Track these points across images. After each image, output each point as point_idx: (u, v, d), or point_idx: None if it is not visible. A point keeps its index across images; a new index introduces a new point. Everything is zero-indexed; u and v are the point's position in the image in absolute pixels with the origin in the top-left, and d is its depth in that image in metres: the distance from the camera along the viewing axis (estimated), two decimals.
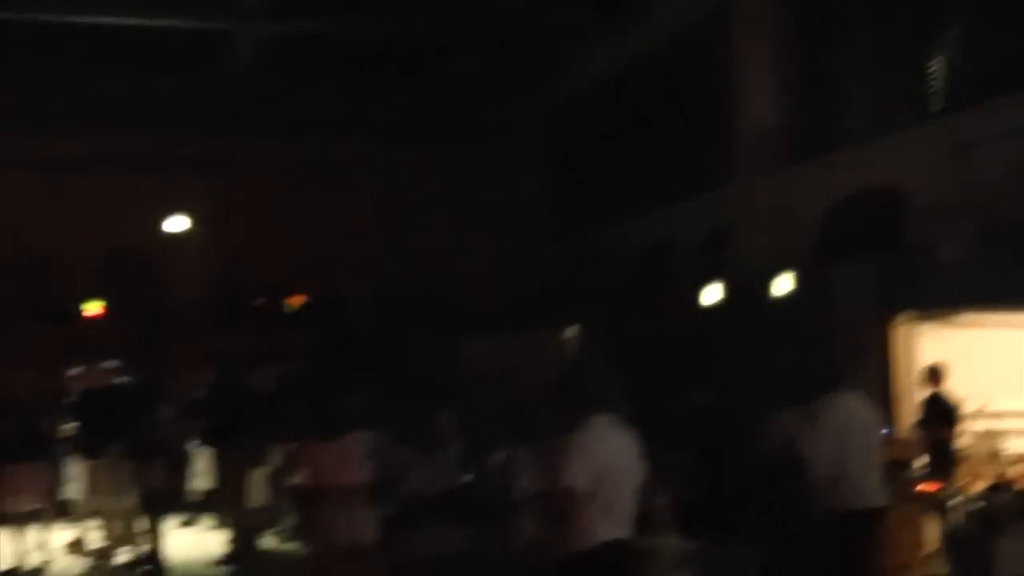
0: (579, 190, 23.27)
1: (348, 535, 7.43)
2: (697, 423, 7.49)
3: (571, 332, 9.44)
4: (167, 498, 12.88)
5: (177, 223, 24.79)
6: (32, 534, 12.88)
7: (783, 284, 14.04)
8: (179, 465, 14.22)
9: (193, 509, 14.91)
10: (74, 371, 13.60)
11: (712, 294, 15.55)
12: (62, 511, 13.65)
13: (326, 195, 24.42)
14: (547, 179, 24.59)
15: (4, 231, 22.63)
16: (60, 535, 13.47)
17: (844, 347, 11.95)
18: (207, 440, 13.35)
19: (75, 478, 13.25)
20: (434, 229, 24.20)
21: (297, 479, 7.68)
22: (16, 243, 22.89)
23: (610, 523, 6.68)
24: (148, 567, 12.44)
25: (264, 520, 13.77)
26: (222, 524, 13.09)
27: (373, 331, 23.35)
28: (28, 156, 22.75)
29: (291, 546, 13.78)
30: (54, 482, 13.04)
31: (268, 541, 13.70)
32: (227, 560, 12.79)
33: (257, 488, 13.44)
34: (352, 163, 24.41)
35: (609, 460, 6.68)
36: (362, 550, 7.45)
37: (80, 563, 13.02)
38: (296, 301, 25.67)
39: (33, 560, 12.78)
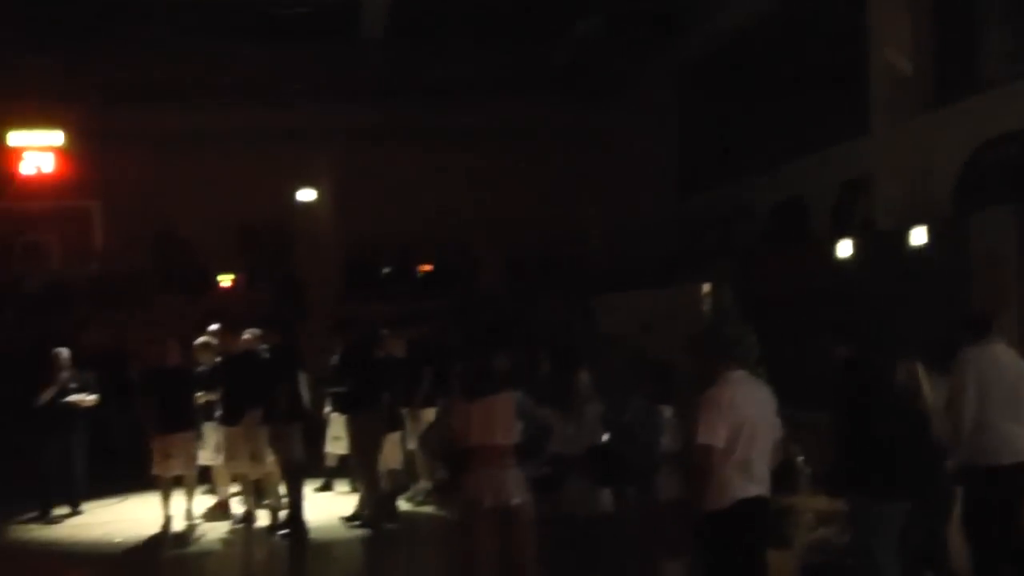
0: (709, 146, 22.89)
1: (499, 495, 7.38)
2: (838, 377, 7.28)
3: (706, 289, 9.26)
4: (305, 463, 13.01)
5: (309, 193, 25.15)
6: (178, 500, 13.15)
7: (921, 234, 13.62)
8: (315, 430, 14.36)
9: (329, 474, 15.07)
10: (211, 340, 13.80)
11: (848, 247, 15.19)
12: (204, 477, 13.92)
13: (455, 161, 24.45)
14: (677, 136, 24.28)
15: (140, 205, 23.14)
16: (203, 501, 13.73)
17: (985, 296, 11.58)
18: (341, 406, 13.43)
19: (216, 444, 13.47)
20: (565, 191, 24.08)
21: (449, 439, 7.64)
22: (152, 217, 23.42)
23: (748, 480, 6.56)
24: (288, 531, 12.61)
25: (400, 484, 13.88)
26: (357, 488, 13.17)
27: (504, 295, 23.40)
28: (163, 130, 23.21)
29: (426, 509, 13.96)
30: (198, 449, 13.26)
31: (403, 504, 13.82)
32: (363, 523, 12.90)
33: (392, 452, 13.55)
34: (481, 128, 24.36)
35: (747, 416, 6.55)
36: (512, 510, 7.41)
37: (222, 528, 13.25)
38: (426, 268, 25.83)
39: (179, 525, 13.04)
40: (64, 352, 14.18)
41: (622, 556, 7.84)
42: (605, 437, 7.78)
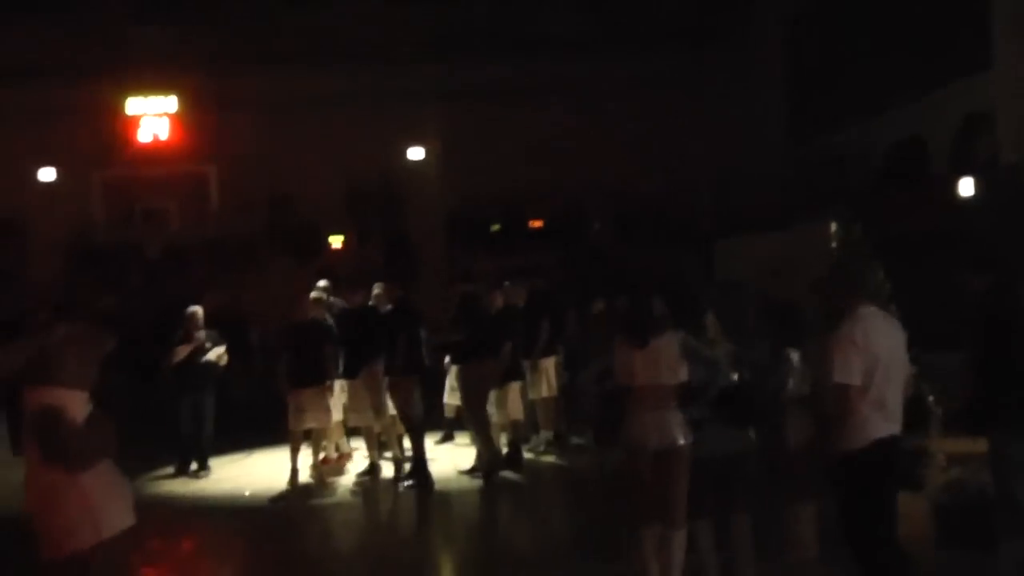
0: (823, 88, 22.42)
1: (664, 437, 7.37)
2: (976, 310, 7.09)
3: (833, 228, 9.09)
4: (423, 414, 13.11)
5: (418, 152, 25.25)
6: (306, 453, 13.38)
7: None
8: (434, 383, 14.50)
9: (450, 426, 15.19)
10: (322, 296, 13.96)
11: (970, 185, 14.86)
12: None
13: (563, 116, 24.35)
14: (789, 79, 23.85)
15: (253, 170, 23.43)
16: (329, 453, 13.94)
17: None
18: (455, 356, 13.52)
19: (338, 397, 13.65)
20: (676, 142, 23.84)
21: (611, 382, 7.62)
22: (265, 181, 23.71)
23: (883, 419, 6.46)
24: (412, 482, 12.73)
25: (521, 434, 13.93)
26: (476, 439, 13.23)
27: (617, 246, 23.33)
28: (274, 94, 23.46)
29: (548, 459, 14.00)
30: (328, 403, 13.41)
31: (525, 454, 13.88)
32: (482, 474, 13.00)
33: (514, 402, 13.60)
34: (589, 82, 24.21)
35: (880, 352, 6.43)
36: (675, 451, 7.40)
37: (348, 481, 13.45)
38: (536, 224, 25.77)
39: (306, 478, 13.29)
40: (199, 311, 14.43)
41: (754, 498, 7.77)
42: (736, 378, 7.70)
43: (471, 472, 13.13)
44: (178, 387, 14.16)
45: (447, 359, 14.24)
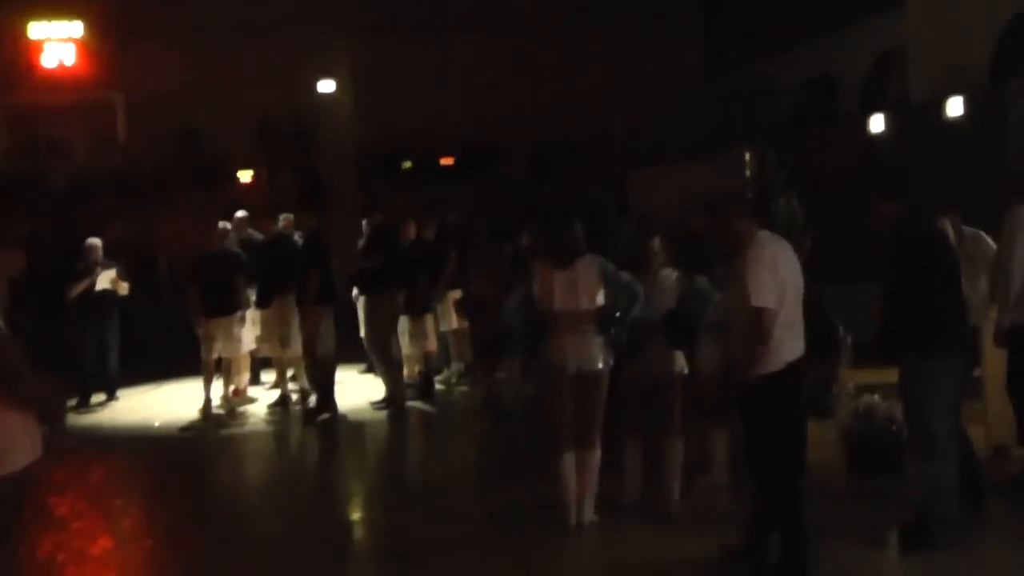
0: (735, 25, 22.46)
1: (582, 361, 7.40)
2: (888, 236, 7.12)
3: (747, 156, 9.10)
4: (334, 347, 13.02)
5: (328, 85, 24.93)
6: (218, 383, 13.27)
7: (957, 105, 13.41)
8: (346, 314, 14.41)
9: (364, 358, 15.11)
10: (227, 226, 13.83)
11: (880, 122, 14.98)
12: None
13: (476, 50, 24.18)
14: (702, 16, 23.87)
15: (162, 100, 22.98)
16: (238, 383, 13.84)
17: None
18: (368, 289, 13.41)
19: (249, 328, 13.54)
20: (589, 76, 23.79)
21: (531, 305, 7.64)
22: (174, 112, 23.26)
23: (792, 338, 6.50)
24: (319, 413, 12.66)
25: (433, 365, 13.90)
26: (384, 370, 13.17)
27: (528, 180, 23.33)
28: (183, 22, 22.98)
29: (460, 389, 14.01)
30: (239, 332, 13.29)
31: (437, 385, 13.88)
32: (389, 406, 12.96)
33: (427, 335, 13.56)
34: (501, 14, 24.04)
35: (786, 275, 6.48)
36: (592, 375, 7.47)
37: (259, 411, 13.36)
38: (447, 161, 25.60)
39: (218, 408, 13.20)
40: (97, 242, 14.17)
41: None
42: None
43: (381, 403, 13.07)
44: (80, 319, 13.93)
45: (355, 291, 14.14)
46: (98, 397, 14.10)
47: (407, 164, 25.37)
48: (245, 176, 24.46)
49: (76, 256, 14.18)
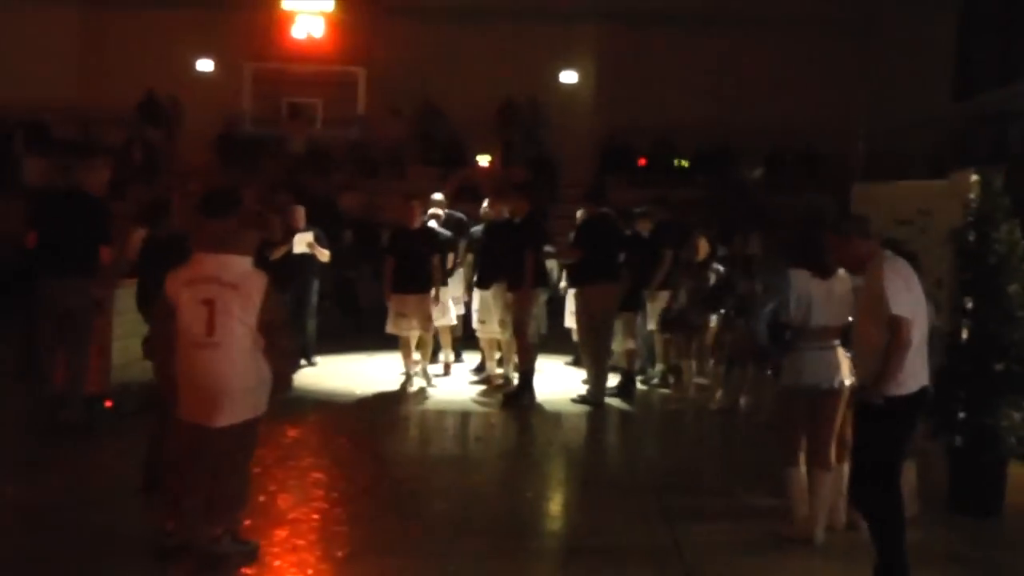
0: (991, 44, 21.42)
1: (825, 376, 7.35)
2: None
3: (973, 179, 8.62)
4: (539, 333, 13.03)
5: (571, 75, 25.00)
6: (418, 358, 13.45)
7: None
8: (553, 302, 14.45)
9: (571, 349, 15.06)
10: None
11: None
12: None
13: (721, 49, 23.83)
14: (957, 32, 22.85)
15: (403, 77, 23.45)
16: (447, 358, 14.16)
17: None
18: (572, 278, 13.32)
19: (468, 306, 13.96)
20: (833, 85, 23.13)
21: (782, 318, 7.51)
22: (415, 89, 23.70)
23: (923, 366, 6.38)
24: (517, 397, 12.65)
25: (636, 364, 13.71)
26: (590, 364, 13.02)
27: (761, 186, 22.88)
28: (433, 3, 23.39)
29: (662, 391, 13.80)
30: (430, 310, 13.41)
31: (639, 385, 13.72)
32: (589, 402, 12.84)
33: (630, 332, 13.39)
34: (750, 16, 23.60)
35: (918, 296, 6.39)
36: (833, 393, 7.45)
37: (460, 388, 13.54)
38: (682, 162, 25.28)
39: (420, 383, 13.43)
40: (301, 209, 14.49)
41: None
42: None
43: (581, 398, 12.95)
44: (278, 281, 14.16)
45: (563, 281, 14.08)
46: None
47: (641, 161, 25.15)
48: (483, 160, 24.72)
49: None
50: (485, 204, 14.28)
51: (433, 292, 13.18)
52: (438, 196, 14.87)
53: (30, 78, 22.27)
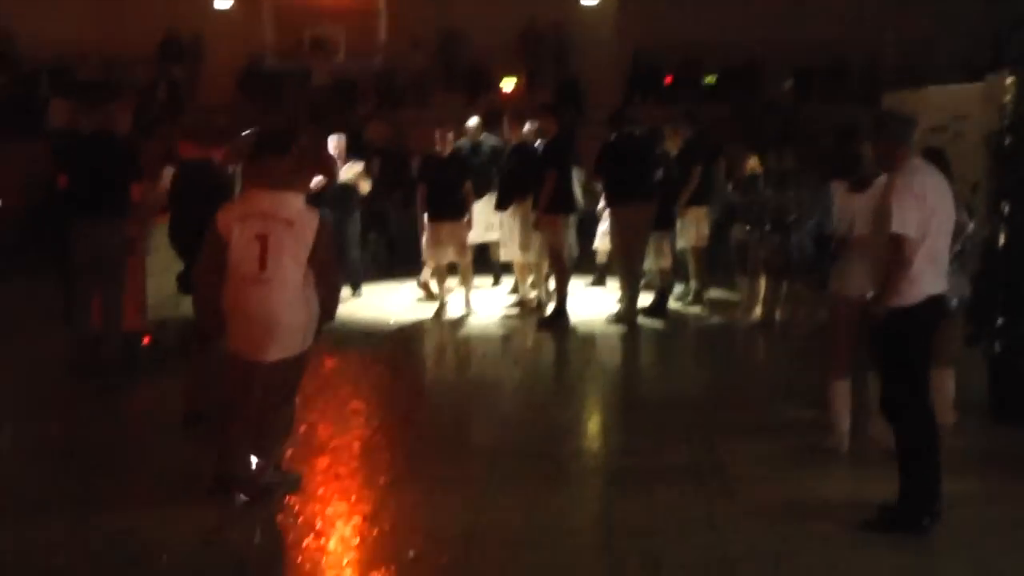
0: None
1: (867, 287, 6.98)
2: None
3: (1009, 81, 8.46)
4: (573, 255, 13.02)
5: None
6: (451, 284, 13.46)
7: None
8: (587, 224, 14.39)
9: (603, 270, 15.03)
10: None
11: None
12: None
13: None
14: None
15: (424, 3, 23.28)
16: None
17: None
18: (612, 200, 13.20)
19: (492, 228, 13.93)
20: None
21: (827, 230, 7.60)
22: (436, 16, 23.52)
23: (935, 274, 6.29)
24: (551, 321, 12.65)
25: (669, 282, 13.67)
26: (626, 284, 12.99)
27: (789, 101, 22.63)
28: None
29: (694, 310, 13.76)
30: (466, 237, 13.43)
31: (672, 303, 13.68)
32: (620, 319, 12.83)
33: (663, 250, 13.34)
34: None
35: (936, 206, 6.23)
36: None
37: (493, 313, 13.54)
38: (709, 79, 24.99)
39: (453, 308, 13.44)
40: (339, 139, 14.45)
41: None
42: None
43: (615, 318, 12.95)
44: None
45: (601, 204, 14.00)
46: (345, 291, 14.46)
47: (668, 79, 24.89)
48: (508, 84, 24.53)
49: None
50: (506, 126, 14.19)
51: (466, 218, 13.17)
52: (473, 122, 14.80)
53: (52, 22, 22.22)
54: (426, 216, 13.36)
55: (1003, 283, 8.24)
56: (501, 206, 13.55)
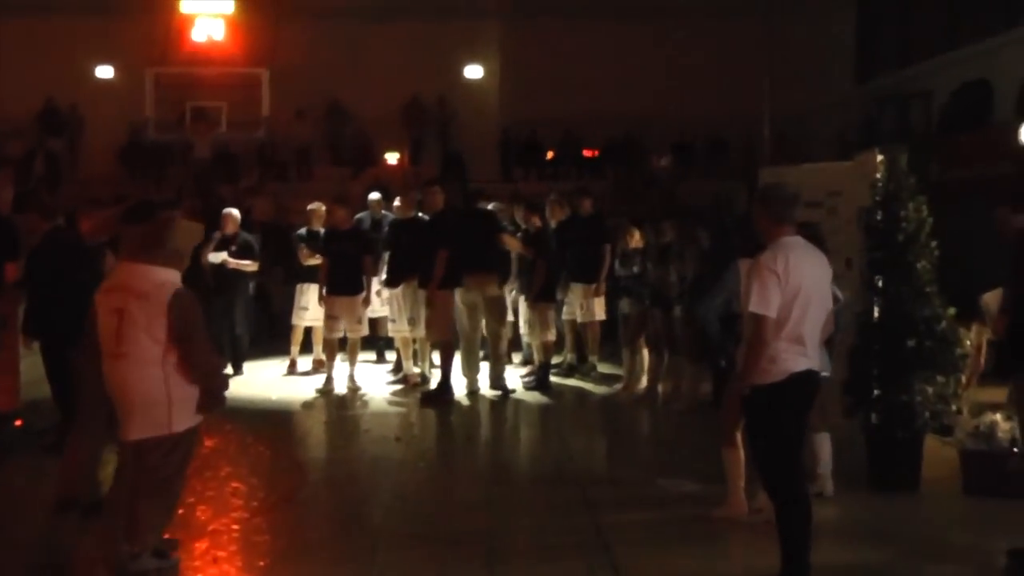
0: (890, 27, 21.82)
1: None
2: (1014, 250, 6.78)
3: (878, 159, 8.72)
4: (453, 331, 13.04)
5: (475, 71, 25.01)
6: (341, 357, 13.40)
7: None
8: None
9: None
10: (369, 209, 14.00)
11: None
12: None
13: (624, 41, 23.97)
14: (857, 17, 23.21)
15: (307, 77, 23.30)
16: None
17: None
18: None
19: (379, 306, 13.97)
20: (736, 71, 23.32)
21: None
22: (319, 90, 23.55)
23: (799, 353, 6.24)
24: (440, 397, 12.59)
25: (550, 356, 13.72)
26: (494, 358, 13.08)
27: (670, 175, 23.06)
28: (328, 1, 23.24)
29: (569, 382, 13.83)
30: (363, 313, 13.40)
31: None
32: (499, 390, 12.95)
33: (545, 322, 13.42)
34: (652, 8, 23.77)
35: (801, 285, 6.21)
36: None
37: (376, 390, 13.43)
38: (589, 153, 25.33)
39: (342, 383, 13.33)
40: (235, 213, 14.33)
41: None
42: None
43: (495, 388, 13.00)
44: (209, 289, 13.87)
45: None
46: (227, 370, 14.21)
47: (550, 154, 25.18)
48: (392, 158, 24.63)
49: (215, 226, 14.23)
50: (397, 202, 14.23)
51: (363, 294, 13.14)
52: (375, 196, 14.85)
53: None
54: (325, 289, 13.24)
55: (878, 355, 8.41)
56: (391, 284, 13.47)
